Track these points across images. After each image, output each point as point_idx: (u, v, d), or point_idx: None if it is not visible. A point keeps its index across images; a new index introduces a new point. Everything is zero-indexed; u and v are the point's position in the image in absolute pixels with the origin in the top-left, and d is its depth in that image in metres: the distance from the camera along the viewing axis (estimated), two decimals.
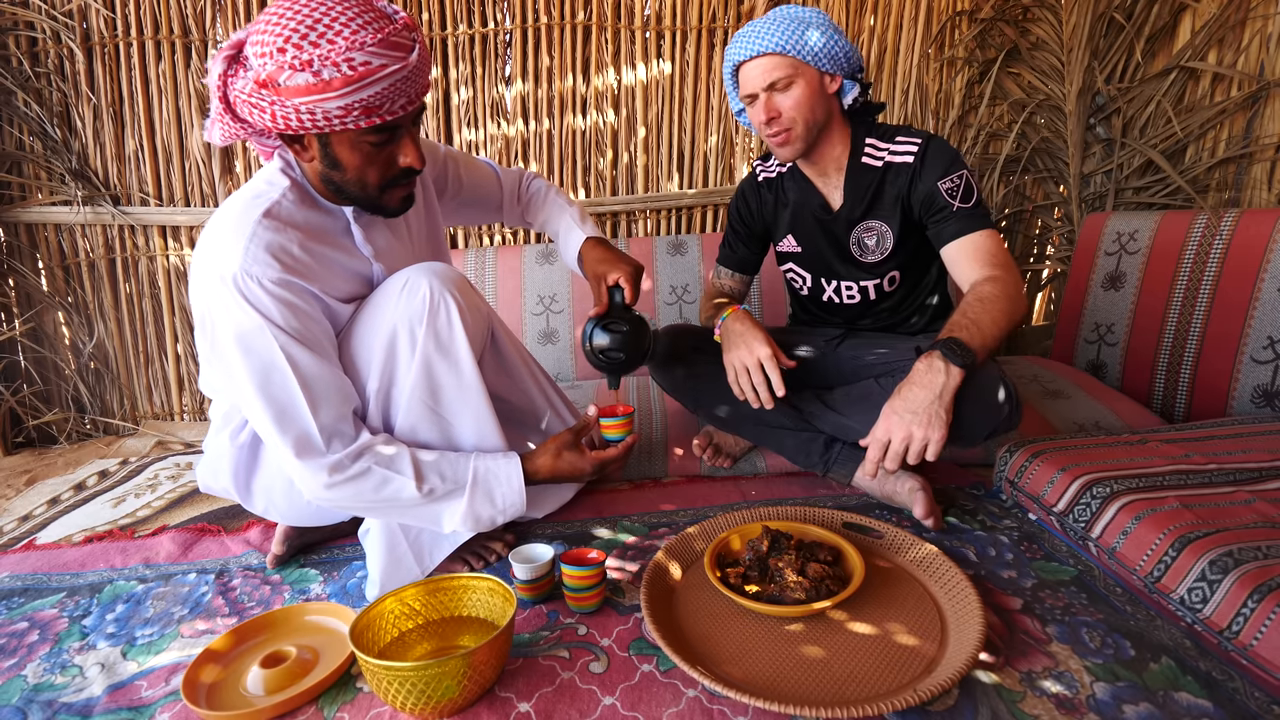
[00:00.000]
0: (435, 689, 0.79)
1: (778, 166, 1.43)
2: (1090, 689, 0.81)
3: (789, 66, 1.20)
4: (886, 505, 1.31)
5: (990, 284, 1.15)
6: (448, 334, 1.03)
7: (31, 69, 2.05)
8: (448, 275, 1.04)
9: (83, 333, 2.23)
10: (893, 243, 1.31)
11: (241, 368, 0.94)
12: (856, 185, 1.30)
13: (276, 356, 0.93)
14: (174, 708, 0.87)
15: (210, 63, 0.90)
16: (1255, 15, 1.83)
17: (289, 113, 0.85)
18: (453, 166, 1.30)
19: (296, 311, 0.95)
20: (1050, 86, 2.15)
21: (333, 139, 0.91)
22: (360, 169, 0.94)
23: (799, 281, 1.48)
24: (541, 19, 2.14)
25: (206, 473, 1.17)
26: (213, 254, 0.93)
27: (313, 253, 0.98)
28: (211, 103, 0.93)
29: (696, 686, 0.85)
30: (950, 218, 1.22)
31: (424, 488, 1.00)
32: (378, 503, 1.01)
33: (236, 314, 0.92)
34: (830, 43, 1.20)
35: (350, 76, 0.83)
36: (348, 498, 0.99)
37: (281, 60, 0.82)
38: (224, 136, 0.96)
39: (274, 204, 0.96)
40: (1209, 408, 1.56)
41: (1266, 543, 0.91)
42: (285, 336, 0.93)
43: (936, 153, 1.23)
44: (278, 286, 0.92)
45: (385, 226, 1.12)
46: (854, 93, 1.27)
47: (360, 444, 0.99)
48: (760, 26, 1.21)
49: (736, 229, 1.50)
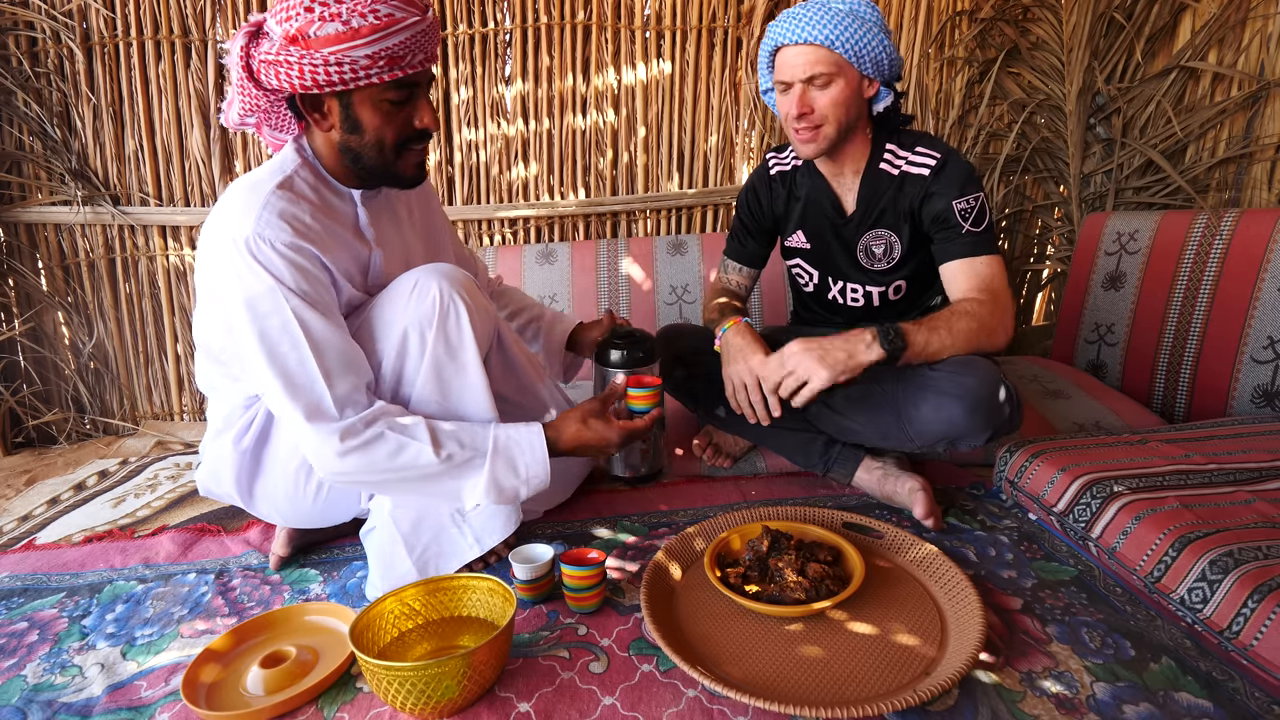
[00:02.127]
0: (435, 689, 0.79)
1: (793, 159, 1.40)
2: (1090, 689, 0.81)
3: (834, 64, 1.16)
4: (886, 505, 1.31)
5: (971, 304, 1.16)
6: (457, 336, 1.03)
7: (31, 69, 2.05)
8: (456, 277, 1.05)
9: (82, 333, 2.23)
10: (901, 253, 1.30)
11: (251, 333, 0.93)
12: (871, 191, 1.29)
13: (288, 319, 0.93)
14: (174, 708, 0.87)
15: (230, 41, 0.93)
16: (1255, 15, 1.83)
17: (317, 65, 0.89)
18: (450, 227, 1.37)
19: (308, 276, 0.95)
20: (1050, 86, 2.15)
21: (354, 98, 0.95)
22: (379, 129, 0.97)
23: (805, 278, 1.47)
24: (541, 19, 2.14)
25: (207, 477, 1.16)
26: (224, 221, 0.94)
27: (323, 225, 0.99)
28: (232, 76, 0.95)
29: (696, 686, 0.85)
30: (958, 238, 1.21)
31: (442, 453, 0.97)
32: (393, 473, 0.98)
33: (247, 277, 0.92)
34: (881, 49, 1.16)
35: (377, 25, 0.88)
36: (362, 468, 0.96)
37: (310, 16, 0.87)
38: (242, 112, 0.98)
39: (287, 177, 0.99)
40: (1209, 408, 1.56)
41: (1266, 543, 0.91)
42: (297, 299, 0.93)
43: (954, 170, 1.21)
44: (290, 250, 0.93)
45: (388, 215, 1.13)
46: (887, 100, 1.25)
47: (375, 410, 0.97)
48: (814, 13, 1.15)
49: (745, 222, 1.47)
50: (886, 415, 1.22)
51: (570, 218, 2.29)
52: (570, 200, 2.26)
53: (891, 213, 1.29)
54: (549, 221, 2.30)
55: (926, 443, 1.19)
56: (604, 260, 2.09)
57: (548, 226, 2.31)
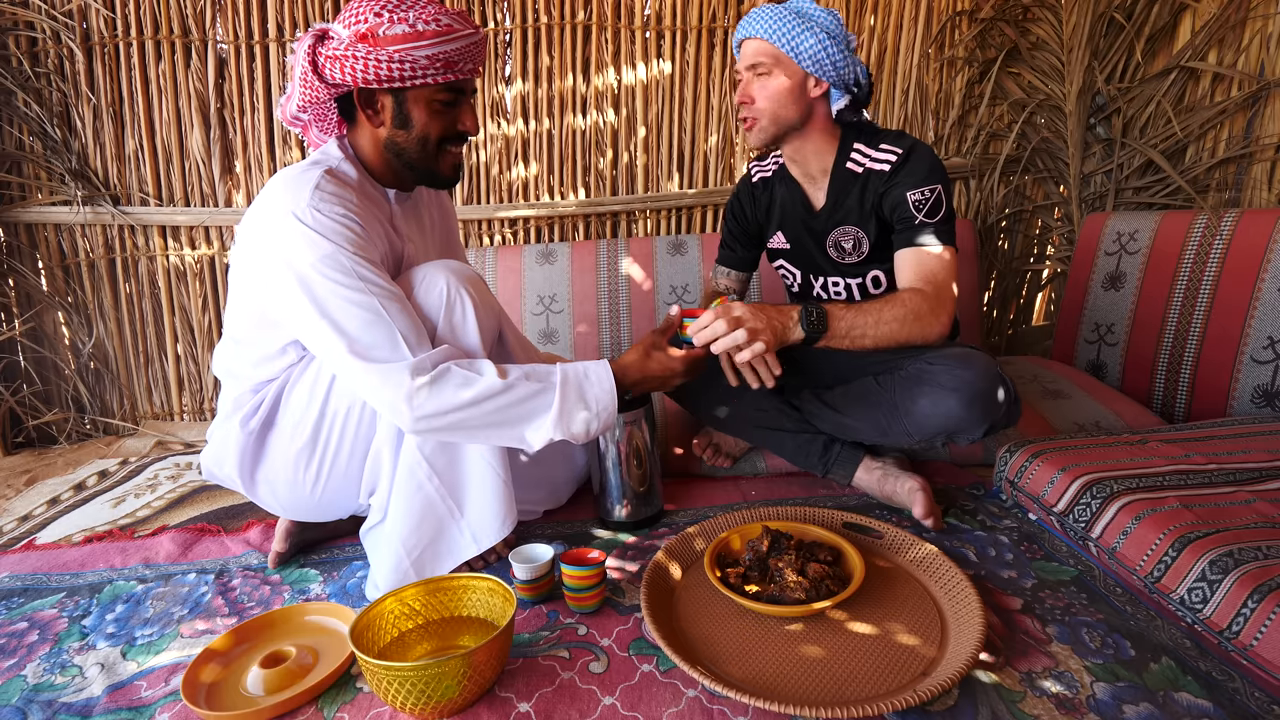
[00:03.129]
0: (435, 689, 0.79)
1: (772, 165, 1.45)
2: (1090, 689, 0.81)
3: (771, 56, 1.23)
4: (886, 505, 1.31)
5: (909, 294, 1.18)
6: (462, 328, 1.06)
7: (31, 69, 2.05)
8: (463, 272, 1.09)
9: (82, 333, 2.23)
10: (869, 247, 1.32)
11: (320, 294, 0.96)
12: (838, 189, 1.32)
13: (356, 277, 0.97)
14: (174, 708, 0.87)
15: (298, 41, 1.02)
16: (1255, 15, 1.83)
17: (382, 61, 0.97)
18: (461, 244, 1.43)
19: (362, 242, 1.00)
20: (1050, 86, 2.15)
21: (409, 96, 1.03)
22: (426, 125, 1.05)
23: (790, 278, 1.50)
24: (541, 19, 2.14)
25: (211, 460, 1.17)
26: (274, 201, 0.99)
27: (365, 211, 1.04)
28: (294, 72, 1.03)
29: (696, 686, 0.85)
30: (910, 228, 1.23)
31: (509, 384, 0.99)
32: (463, 410, 0.98)
33: (311, 240, 0.96)
34: (821, 49, 1.20)
35: (439, 31, 0.99)
36: (433, 408, 0.97)
37: (380, 19, 0.97)
38: (300, 105, 1.05)
39: (334, 167, 1.06)
40: (1209, 408, 1.56)
41: (1266, 543, 0.91)
42: (360, 259, 0.98)
43: (915, 163, 1.23)
44: (344, 217, 0.98)
45: (415, 219, 1.21)
46: (840, 103, 1.28)
47: (441, 351, 1.00)
48: (766, 10, 1.23)
49: (732, 228, 1.53)
50: (884, 411, 1.23)
51: (570, 218, 2.29)
52: (570, 200, 2.26)
53: (857, 209, 1.30)
54: (549, 221, 2.30)
55: (925, 437, 1.20)
56: (604, 260, 2.09)
57: (548, 226, 2.31)
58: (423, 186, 1.20)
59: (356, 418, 1.09)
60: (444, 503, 1.07)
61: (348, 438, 1.10)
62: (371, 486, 1.13)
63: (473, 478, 1.09)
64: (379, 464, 1.10)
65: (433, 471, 1.07)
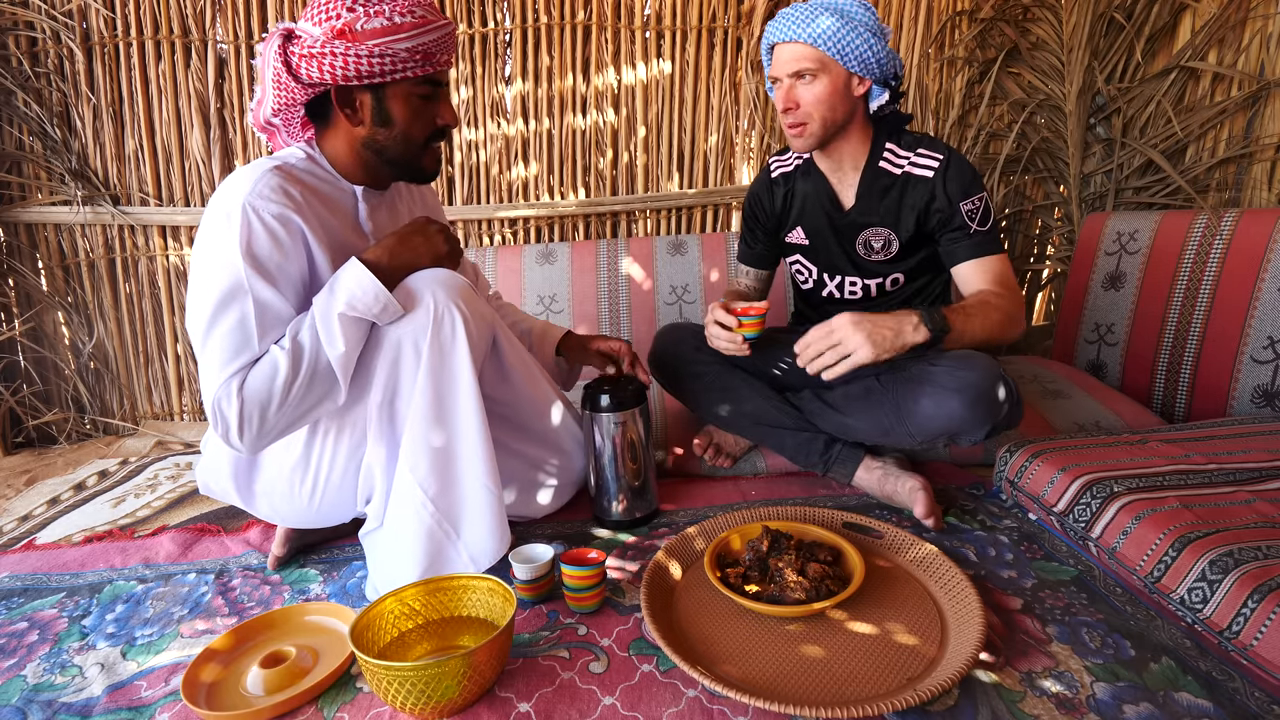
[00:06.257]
0: (435, 689, 0.79)
1: (794, 159, 1.43)
2: (1090, 689, 0.81)
3: (817, 60, 1.20)
4: (886, 505, 1.31)
5: (994, 297, 1.20)
6: (450, 346, 1.03)
7: (31, 69, 2.05)
8: (452, 284, 1.04)
9: (82, 333, 2.23)
10: (898, 249, 1.33)
11: (209, 286, 0.95)
12: (870, 188, 1.31)
13: (246, 293, 0.95)
14: (174, 708, 0.87)
15: (264, 44, 1.00)
16: (1255, 15, 1.83)
17: (362, 56, 0.95)
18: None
19: (280, 247, 0.97)
20: (1050, 86, 2.15)
21: (388, 92, 1.02)
22: (408, 122, 1.04)
23: (804, 275, 1.48)
24: (541, 19, 2.14)
25: (206, 474, 1.16)
26: (219, 195, 0.98)
27: (314, 208, 1.02)
28: (265, 74, 1.00)
29: (696, 686, 0.85)
30: (967, 239, 1.25)
31: (281, 360, 0.95)
32: (277, 412, 0.96)
33: (226, 237, 0.95)
34: (867, 48, 1.19)
35: (416, 22, 0.98)
36: (246, 402, 0.94)
37: (355, 14, 0.95)
38: (274, 108, 1.03)
39: (285, 162, 1.04)
40: (1209, 408, 1.56)
41: (1266, 543, 0.91)
42: (257, 277, 0.95)
43: (958, 172, 1.24)
44: (275, 220, 0.97)
45: (388, 211, 1.17)
46: (881, 99, 1.27)
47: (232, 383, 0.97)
48: (803, 12, 1.20)
49: (751, 225, 1.52)
50: (886, 411, 1.23)
51: (570, 218, 2.29)
52: (570, 200, 2.26)
53: (893, 211, 1.30)
54: (549, 221, 2.30)
55: (927, 438, 1.20)
56: (604, 260, 2.09)
57: (548, 226, 2.31)
58: (401, 182, 1.19)
59: (348, 431, 1.08)
60: (440, 527, 1.05)
61: (341, 452, 1.09)
62: (367, 495, 1.13)
63: (468, 500, 1.06)
64: (371, 478, 1.09)
65: (427, 498, 1.03)
